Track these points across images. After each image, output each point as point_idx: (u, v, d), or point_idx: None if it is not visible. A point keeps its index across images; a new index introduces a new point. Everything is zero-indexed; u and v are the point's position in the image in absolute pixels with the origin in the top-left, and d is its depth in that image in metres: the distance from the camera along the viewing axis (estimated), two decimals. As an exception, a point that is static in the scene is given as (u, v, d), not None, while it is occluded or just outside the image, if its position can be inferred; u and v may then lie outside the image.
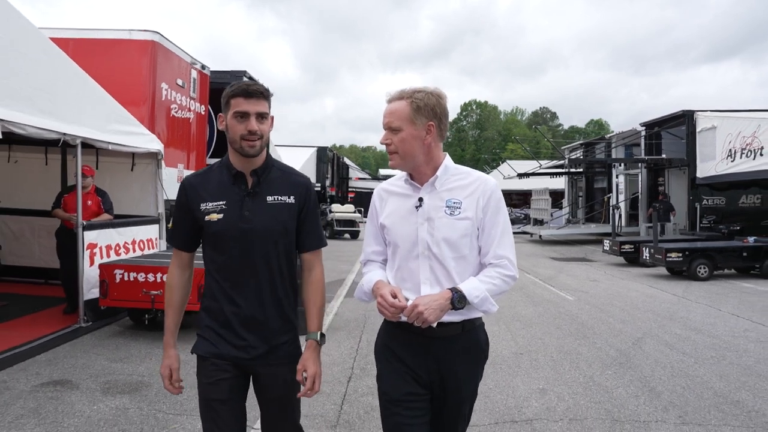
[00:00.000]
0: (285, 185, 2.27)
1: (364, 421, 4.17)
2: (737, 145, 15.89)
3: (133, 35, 10.04)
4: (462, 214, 2.18)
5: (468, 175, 2.25)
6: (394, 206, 2.27)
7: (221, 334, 2.20)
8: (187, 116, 11.51)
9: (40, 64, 6.14)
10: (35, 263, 9.35)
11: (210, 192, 2.23)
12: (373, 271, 2.31)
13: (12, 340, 5.85)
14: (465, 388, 2.23)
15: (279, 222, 2.22)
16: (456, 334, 2.17)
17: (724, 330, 7.44)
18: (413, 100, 2.15)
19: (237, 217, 2.18)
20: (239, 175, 2.23)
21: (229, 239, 2.18)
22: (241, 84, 2.18)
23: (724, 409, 4.58)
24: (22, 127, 5.48)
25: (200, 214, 2.21)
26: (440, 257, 2.16)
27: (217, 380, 2.18)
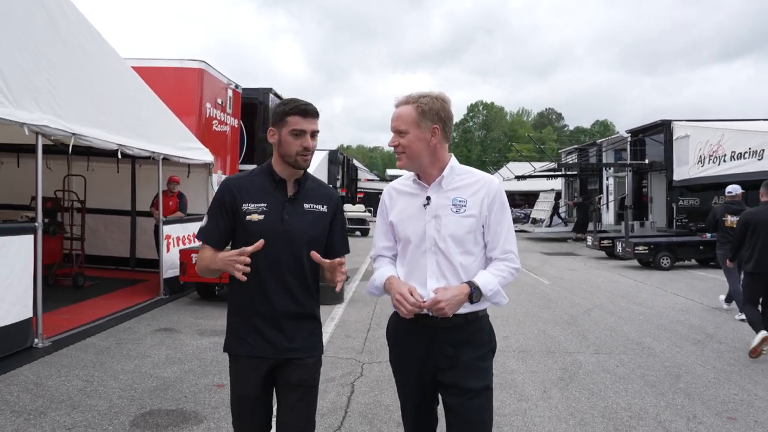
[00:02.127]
0: (319, 195, 2.44)
1: (380, 351, 6.19)
2: (706, 152, 17.83)
3: (184, 64, 12.15)
4: (467, 211, 2.30)
5: (472, 175, 2.40)
6: (403, 205, 2.41)
7: (251, 331, 2.35)
8: (225, 129, 13.62)
9: (133, 97, 8.22)
10: (108, 253, 11.49)
11: (252, 194, 2.37)
12: (384, 267, 2.44)
13: (118, 305, 7.96)
14: (473, 378, 2.28)
15: (313, 227, 2.39)
16: (460, 324, 2.28)
17: (660, 304, 9.44)
18: (419, 104, 2.29)
19: (277, 220, 2.33)
20: (282, 182, 2.40)
21: (267, 240, 2.28)
22: (298, 103, 2.34)
23: (629, 346, 6.60)
24: (130, 149, 7.60)
25: (241, 214, 2.34)
26: (446, 252, 2.29)
27: (249, 377, 2.35)
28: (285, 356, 2.34)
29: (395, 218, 2.41)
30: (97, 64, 7.05)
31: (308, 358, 2.38)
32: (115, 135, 7.24)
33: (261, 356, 2.33)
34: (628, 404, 4.69)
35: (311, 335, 2.42)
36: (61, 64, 6.14)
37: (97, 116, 6.86)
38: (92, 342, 6.18)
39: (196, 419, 4.16)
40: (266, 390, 2.39)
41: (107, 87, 7.32)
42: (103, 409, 4.31)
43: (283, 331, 2.33)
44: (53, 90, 5.94)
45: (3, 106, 5.16)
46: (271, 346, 2.33)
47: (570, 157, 30.44)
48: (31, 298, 5.72)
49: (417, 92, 2.34)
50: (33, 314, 5.77)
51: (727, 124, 18.02)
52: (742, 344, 6.70)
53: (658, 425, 4.25)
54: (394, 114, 2.35)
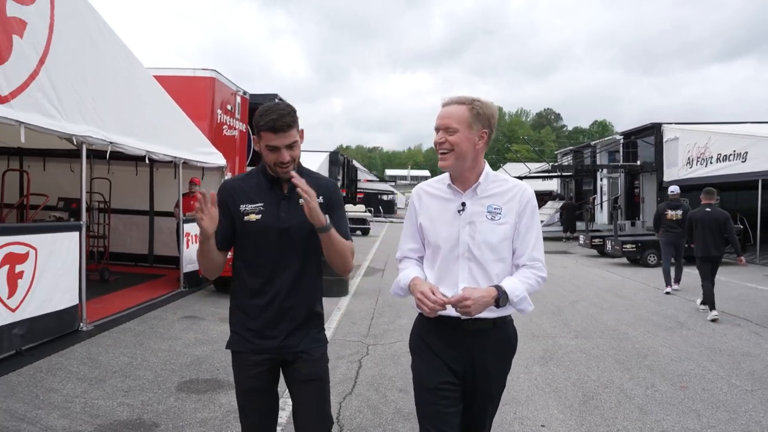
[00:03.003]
0: (314, 188, 2.37)
1: (384, 336, 6.96)
2: (694, 154, 18.63)
3: (197, 73, 12.89)
4: (502, 219, 2.31)
5: (506, 182, 2.40)
6: (435, 209, 2.40)
7: (254, 328, 2.39)
8: (234, 134, 14.35)
9: (157, 106, 8.98)
10: (126, 250, 12.25)
11: (249, 195, 2.41)
12: (410, 268, 2.43)
13: (144, 297, 8.73)
14: (494, 380, 2.35)
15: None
16: (487, 329, 2.30)
17: (641, 297, 10.22)
18: (473, 106, 2.28)
19: (274, 218, 2.37)
20: (276, 180, 2.42)
21: (266, 237, 2.35)
22: (268, 119, 2.30)
23: (606, 332, 7.38)
24: (156, 154, 8.38)
25: (240, 215, 2.38)
26: (480, 259, 2.29)
27: (253, 373, 2.39)
28: (290, 351, 2.39)
29: (426, 221, 2.41)
30: (128, 78, 7.81)
31: (315, 352, 2.43)
32: (144, 142, 8.01)
33: (264, 353, 2.38)
34: (598, 377, 5.46)
35: (315, 329, 2.47)
36: (101, 81, 6.91)
37: (129, 126, 7.63)
38: (128, 326, 6.96)
39: (229, 386, 4.93)
40: (271, 384, 2.44)
41: (136, 98, 8.09)
42: (150, 378, 5.09)
43: (285, 328, 2.38)
44: (94, 104, 6.70)
45: (56, 119, 5.93)
46: (275, 343, 2.37)
47: (566, 158, 31.28)
48: (77, 287, 6.49)
49: (467, 95, 2.33)
50: (78, 301, 6.54)
51: (714, 127, 18.81)
52: (708, 330, 7.48)
53: (620, 392, 5.03)
54: (444, 112, 2.32)
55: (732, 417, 4.43)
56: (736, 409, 4.61)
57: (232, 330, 2.47)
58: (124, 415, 4.21)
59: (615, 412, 4.54)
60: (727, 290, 10.83)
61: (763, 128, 17.82)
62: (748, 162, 15.66)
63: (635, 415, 4.46)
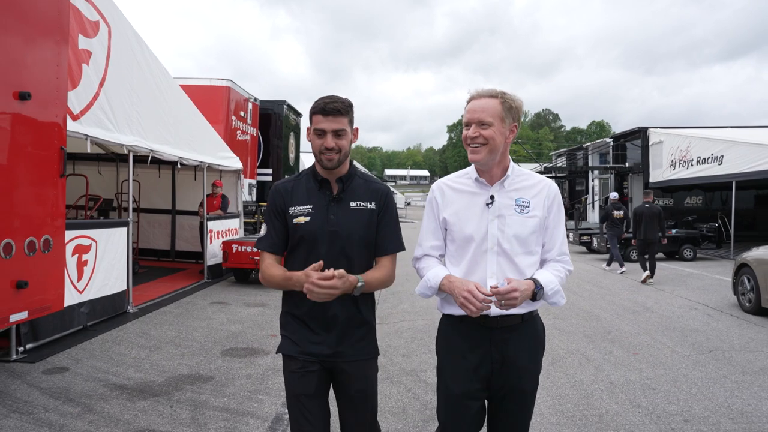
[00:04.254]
0: (366, 192, 2.39)
1: (387, 317, 8.06)
2: (677, 156, 19.77)
3: (213, 82, 14.07)
4: (531, 212, 2.30)
5: (531, 177, 2.40)
6: (461, 203, 2.36)
7: (305, 333, 2.35)
8: (246, 138, 15.52)
9: (186, 116, 10.08)
10: (150, 246, 13.37)
11: (298, 197, 2.37)
12: (436, 267, 2.37)
13: (174, 287, 9.84)
14: (526, 378, 2.30)
15: (361, 226, 2.36)
16: (516, 324, 2.28)
17: (618, 287, 11.34)
18: (505, 100, 2.26)
19: (323, 220, 2.32)
20: (325, 182, 2.38)
21: (315, 241, 2.31)
22: (319, 101, 2.32)
23: (580, 314, 8.50)
24: (186, 160, 9.49)
25: (289, 217, 2.36)
26: (510, 253, 2.28)
27: (304, 376, 2.31)
28: (338, 359, 2.34)
29: (452, 216, 2.36)
30: (163, 92, 8.91)
31: (362, 363, 2.38)
32: (176, 149, 9.12)
33: (315, 357, 2.33)
34: (566, 347, 6.58)
35: (364, 338, 2.40)
36: (144, 97, 8.02)
37: (165, 135, 8.74)
38: (167, 310, 8.07)
39: (263, 353, 6.05)
40: (321, 390, 2.36)
41: (169, 110, 9.19)
42: (197, 346, 6.20)
43: (335, 334, 2.33)
44: (139, 117, 7.82)
45: (112, 132, 7.04)
46: (322, 349, 2.33)
47: (560, 159, 32.45)
48: (125, 275, 7.61)
49: (497, 88, 2.32)
50: (126, 287, 7.66)
51: (694, 132, 19.94)
52: (668, 313, 8.60)
53: (582, 357, 6.14)
54: (477, 105, 2.27)
55: (666, 372, 5.55)
56: (672, 367, 5.74)
57: (283, 335, 2.43)
58: (184, 371, 5.33)
59: (575, 369, 5.66)
60: (696, 281, 11.99)
61: (739, 132, 18.98)
62: (723, 164, 16.78)
63: (591, 372, 5.58)
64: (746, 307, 8.58)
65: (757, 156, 15.27)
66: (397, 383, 5.14)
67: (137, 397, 4.61)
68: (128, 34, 7.67)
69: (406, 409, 4.51)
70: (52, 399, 4.50)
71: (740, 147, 16.18)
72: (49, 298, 4.96)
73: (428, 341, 6.59)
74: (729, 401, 4.76)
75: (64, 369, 5.25)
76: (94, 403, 4.45)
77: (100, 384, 4.90)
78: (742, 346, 6.60)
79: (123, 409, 4.34)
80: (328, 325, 2.33)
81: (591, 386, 5.14)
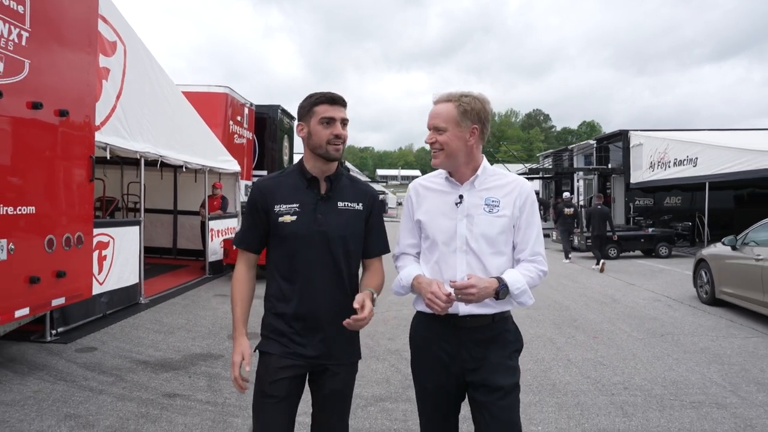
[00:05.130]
0: (354, 193, 2.38)
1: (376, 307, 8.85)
2: (655, 159, 20.66)
3: (212, 89, 14.79)
4: (500, 211, 2.30)
5: (504, 176, 2.39)
6: (432, 202, 2.38)
7: (286, 333, 2.29)
8: (242, 141, 16.26)
9: (189, 123, 10.83)
10: (153, 244, 14.06)
11: (283, 195, 2.31)
12: (410, 266, 2.41)
13: (178, 281, 10.59)
14: (501, 377, 2.28)
15: (349, 226, 2.34)
16: (487, 324, 2.30)
17: (593, 282, 12.18)
18: (460, 103, 2.25)
19: (310, 220, 2.27)
20: (314, 180, 2.33)
21: (301, 241, 2.26)
22: (325, 93, 2.31)
23: (552, 306, 9.32)
24: (191, 164, 10.25)
25: (274, 216, 2.29)
26: (478, 252, 2.28)
27: (278, 379, 2.26)
28: (320, 362, 2.31)
29: (423, 216, 2.38)
30: (169, 101, 9.66)
31: (344, 365, 2.36)
32: (181, 154, 9.88)
33: (294, 360, 2.28)
34: (534, 332, 7.38)
35: (348, 340, 2.37)
36: (153, 107, 8.77)
37: (171, 141, 9.49)
38: (175, 301, 8.83)
39: (265, 337, 6.83)
40: (294, 393, 2.32)
41: (175, 118, 9.95)
42: (205, 331, 6.97)
43: (319, 336, 2.29)
44: (149, 126, 8.57)
45: (126, 140, 7.79)
46: (306, 350, 2.29)
47: (547, 160, 33.36)
48: (137, 269, 8.36)
49: (458, 90, 2.31)
50: (138, 280, 8.41)
51: (672, 134, 20.86)
52: (633, 304, 9.44)
53: (547, 340, 6.95)
54: (433, 111, 2.31)
55: (618, 352, 6.37)
56: (624, 348, 6.56)
57: (263, 334, 2.38)
58: (197, 351, 6.11)
59: (539, 350, 6.47)
60: (666, 276, 12.87)
61: (712, 135, 19.91)
62: (698, 166, 17.66)
63: (552, 351, 6.40)
64: (703, 298, 9.43)
65: (729, 158, 16.14)
66: (383, 360, 5.93)
67: (159, 370, 5.38)
68: (140, 52, 8.41)
69: (389, 379, 5.31)
70: (88, 371, 5.26)
71: (713, 150, 17.07)
72: (81, 286, 5.74)
73: (412, 327, 7.40)
74: (665, 374, 5.58)
75: (93, 348, 6.01)
76: (124, 374, 5.22)
77: (126, 360, 5.66)
78: (690, 332, 7.44)
79: (149, 378, 5.12)
80: (315, 326, 2.30)
81: (550, 363, 5.96)
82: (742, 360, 6.07)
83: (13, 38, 4.62)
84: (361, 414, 4.43)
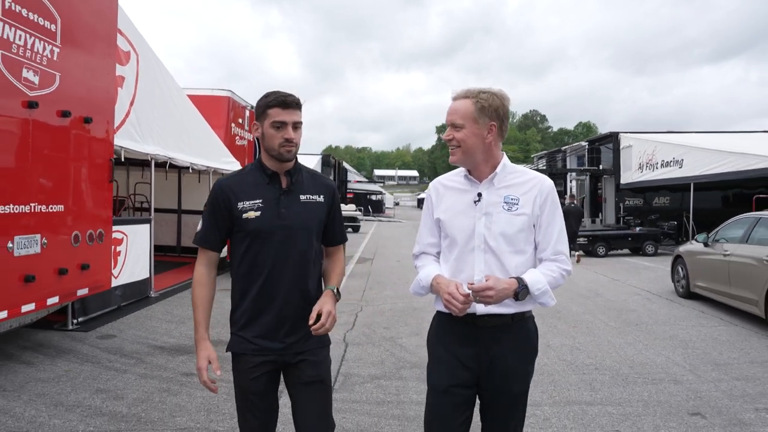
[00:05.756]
0: (314, 186, 2.43)
1: (373, 301, 9.40)
2: (644, 160, 21.30)
3: (215, 92, 15.31)
4: (519, 210, 2.26)
5: (525, 174, 2.36)
6: (451, 201, 2.37)
7: (256, 329, 2.33)
8: (243, 143, 16.78)
9: (195, 126, 11.38)
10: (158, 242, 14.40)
11: (246, 192, 2.33)
12: (429, 266, 2.40)
13: (184, 277, 11.13)
14: (514, 381, 2.28)
15: (313, 218, 2.38)
16: (505, 324, 2.26)
17: (579, 278, 12.74)
18: (478, 99, 2.23)
19: (274, 215, 2.31)
20: (274, 175, 2.36)
21: (265, 235, 2.29)
22: (278, 95, 2.31)
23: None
24: (197, 165, 10.79)
25: (237, 213, 2.31)
26: (497, 251, 2.25)
27: (255, 376, 2.32)
28: (292, 352, 2.34)
29: (443, 214, 2.37)
30: (177, 106, 10.20)
31: (319, 353, 2.39)
32: (188, 156, 10.42)
33: (266, 354, 2.32)
34: (520, 322, 7.94)
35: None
36: (162, 111, 9.31)
37: (179, 143, 10.03)
38: (183, 295, 9.38)
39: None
40: (271, 387, 2.38)
41: (182, 122, 10.49)
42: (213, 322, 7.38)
43: (288, 329, 2.33)
44: (159, 129, 9.11)
45: (139, 143, 8.33)
46: (278, 344, 2.32)
47: (541, 161, 34.02)
48: (148, 265, 8.91)
49: (476, 87, 2.30)
50: (149, 275, 8.96)
51: (659, 137, 21.52)
52: (614, 297, 10.02)
53: (530, 329, 7.52)
54: (451, 107, 2.30)
55: (594, 339, 6.95)
56: (600, 335, 7.13)
57: (233, 333, 2.42)
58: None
59: (522, 337, 7.04)
60: (649, 273, 13.49)
61: (697, 138, 20.55)
62: (683, 168, 18.30)
63: (534, 339, 6.96)
64: (680, 292, 10.03)
65: (712, 160, 16.77)
66: (378, 346, 6.50)
67: (175, 353, 5.93)
68: (151, 59, 8.95)
69: (384, 361, 5.87)
70: (111, 354, 5.81)
71: (698, 152, 17.69)
72: (102, 279, 6.30)
73: (405, 318, 7.97)
74: (634, 357, 6.16)
75: (113, 336, 6.56)
76: (143, 357, 5.77)
77: (144, 345, 6.21)
78: (663, 321, 8.02)
79: (167, 361, 5.67)
80: (285, 319, 2.33)
81: (531, 348, 6.53)
82: (704, 345, 6.65)
83: (47, 54, 5.17)
84: (359, 390, 5.00)
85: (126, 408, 4.41)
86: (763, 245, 7.57)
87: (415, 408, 4.56)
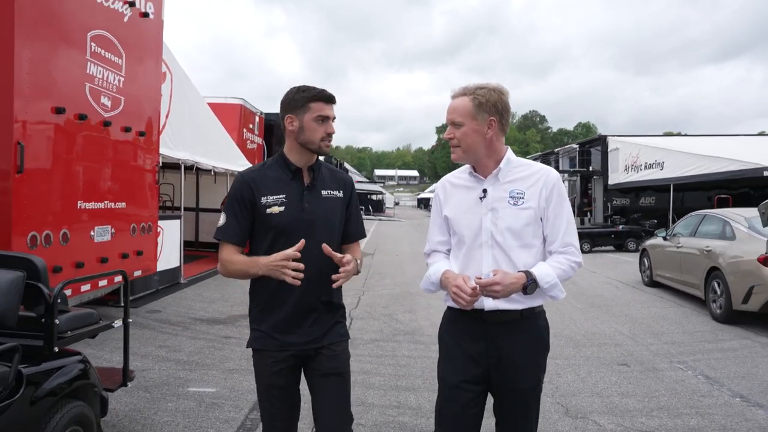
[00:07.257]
0: (334, 181, 2.45)
1: (374, 288, 10.71)
2: (629, 162, 22.62)
3: (228, 101, 16.63)
4: (525, 204, 2.25)
5: (530, 167, 2.34)
6: (458, 198, 2.37)
7: (278, 325, 2.34)
8: (254, 147, 18.13)
9: (215, 132, 12.71)
10: (177, 237, 15.95)
11: (269, 186, 2.34)
12: (439, 262, 2.40)
13: (204, 268, 12.47)
14: (524, 376, 2.27)
15: (335, 213, 2.42)
16: (515, 320, 2.25)
17: (560, 270, 14.07)
18: (475, 96, 2.23)
19: (298, 210, 2.33)
20: (297, 170, 2.38)
21: (291, 230, 2.29)
22: (317, 89, 2.34)
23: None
24: (219, 168, 12.14)
25: (261, 208, 2.31)
26: (504, 246, 2.25)
27: (276, 370, 2.34)
28: (313, 346, 2.37)
29: (450, 212, 2.38)
30: (201, 116, 11.54)
31: (337, 346, 2.42)
32: (211, 160, 11.77)
33: (288, 349, 2.35)
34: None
35: (338, 323, 2.47)
36: (190, 121, 10.65)
37: (203, 149, 11.37)
38: (207, 282, 10.73)
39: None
40: (293, 381, 2.41)
41: (205, 129, 11.84)
42: (239, 302, 8.85)
43: (310, 322, 2.36)
44: (187, 137, 10.44)
45: (172, 150, 9.66)
46: (298, 338, 2.35)
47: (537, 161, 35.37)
48: (178, 254, 10.25)
49: (474, 84, 2.30)
50: (179, 264, 10.30)
51: (643, 140, 22.89)
52: (587, 286, 11.34)
53: (508, 309, 8.84)
54: (450, 106, 2.30)
55: (560, 317, 8.25)
56: (566, 314, 8.46)
57: (254, 328, 2.43)
58: (237, 313, 7.99)
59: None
60: (626, 266, 14.83)
61: (678, 141, 21.91)
62: (664, 170, 19.62)
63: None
64: (645, 281, 11.36)
65: (690, 163, 18.10)
66: (378, 319, 7.84)
67: (213, 324, 7.28)
68: (182, 77, 10.29)
69: (382, 330, 7.22)
70: (161, 324, 7.16)
71: (677, 155, 19.02)
72: (150, 263, 7.65)
73: (401, 300, 9.32)
74: (587, 328, 7.49)
75: (158, 311, 7.90)
76: (188, 325, 7.12)
77: (186, 318, 7.56)
78: (624, 304, 9.35)
79: (207, 328, 7.02)
80: (307, 313, 2.36)
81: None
82: (650, 321, 7.99)
83: (116, 82, 6.51)
84: (362, 348, 6.33)
85: (185, 356, 5.76)
86: (705, 238, 8.90)
87: (406, 359, 5.90)
